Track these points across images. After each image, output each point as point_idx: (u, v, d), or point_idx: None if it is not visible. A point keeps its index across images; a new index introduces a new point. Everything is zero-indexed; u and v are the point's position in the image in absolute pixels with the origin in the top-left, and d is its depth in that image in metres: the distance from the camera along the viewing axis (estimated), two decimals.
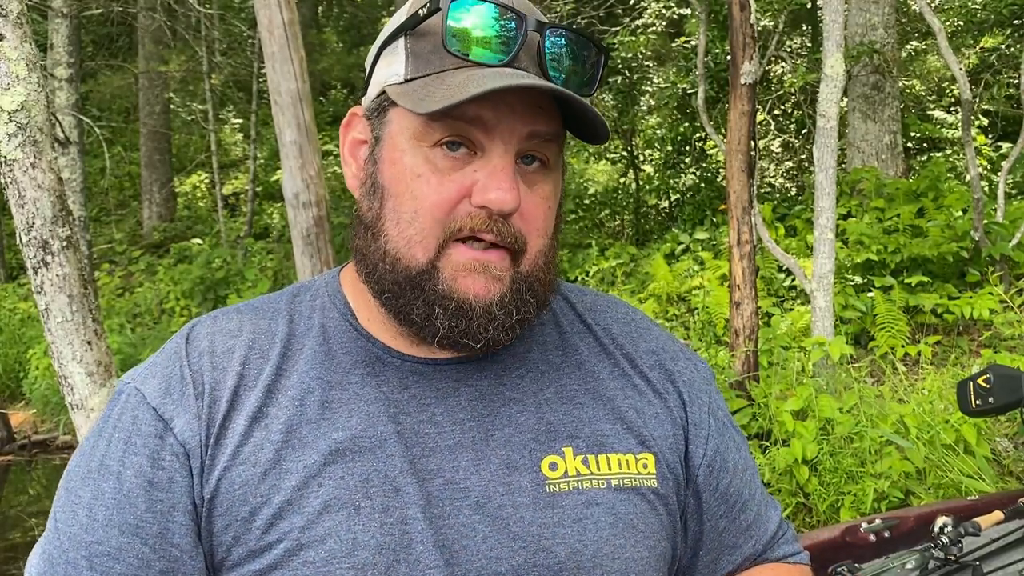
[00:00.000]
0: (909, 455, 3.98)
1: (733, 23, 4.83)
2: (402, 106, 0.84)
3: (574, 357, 0.96)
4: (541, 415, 0.91)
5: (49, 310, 2.68)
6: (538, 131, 0.84)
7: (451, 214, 0.83)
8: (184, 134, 15.45)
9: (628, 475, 0.91)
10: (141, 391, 0.86)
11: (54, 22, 7.71)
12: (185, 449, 0.82)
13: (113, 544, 0.80)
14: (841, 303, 6.03)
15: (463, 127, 0.82)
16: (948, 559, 1.30)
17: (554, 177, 0.89)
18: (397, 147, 0.86)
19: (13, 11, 2.54)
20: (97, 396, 2.75)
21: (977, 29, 9.89)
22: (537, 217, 0.87)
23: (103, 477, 0.82)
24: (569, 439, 0.90)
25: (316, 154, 4.30)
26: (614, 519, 0.88)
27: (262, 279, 9.64)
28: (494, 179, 0.82)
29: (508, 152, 0.83)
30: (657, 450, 0.93)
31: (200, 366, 0.87)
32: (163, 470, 0.82)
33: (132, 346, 8.13)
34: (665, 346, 1.03)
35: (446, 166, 0.83)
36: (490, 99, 0.80)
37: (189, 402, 0.84)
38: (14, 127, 2.54)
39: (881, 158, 8.10)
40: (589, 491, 0.88)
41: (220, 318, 0.94)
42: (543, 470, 0.88)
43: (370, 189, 0.89)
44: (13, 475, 7.05)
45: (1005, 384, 1.52)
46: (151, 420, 0.84)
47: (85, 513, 0.81)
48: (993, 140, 9.34)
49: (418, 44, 0.85)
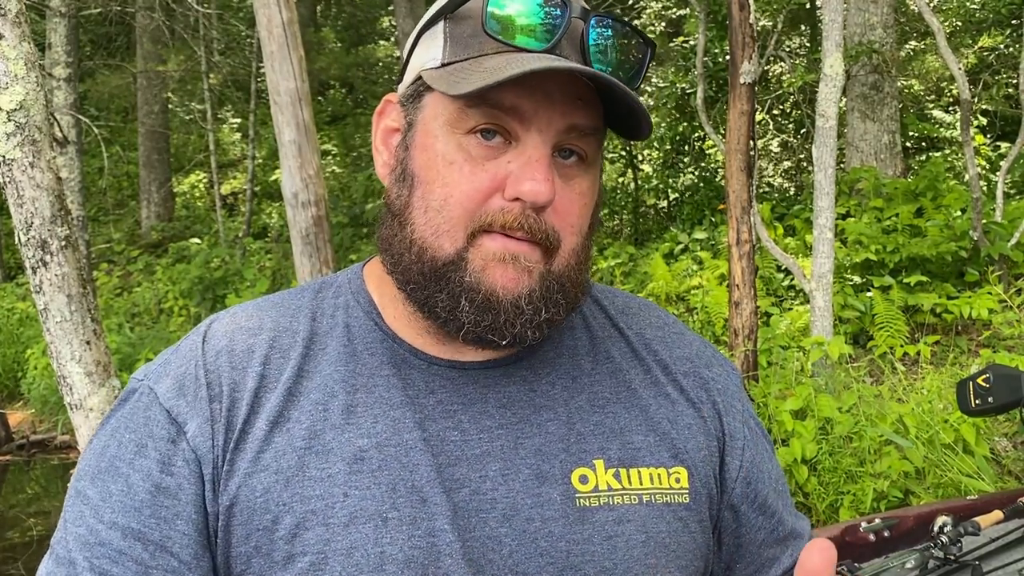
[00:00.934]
0: (908, 455, 3.98)
1: (732, 23, 4.83)
2: (437, 90, 0.81)
3: (606, 364, 0.93)
4: (572, 425, 0.87)
5: (48, 310, 2.67)
6: (577, 124, 0.81)
7: (483, 206, 0.79)
8: (182, 133, 15.45)
9: (660, 490, 0.87)
10: (154, 390, 0.83)
11: (52, 21, 7.70)
12: (197, 456, 0.79)
13: (115, 547, 0.78)
14: (840, 303, 6.03)
15: (499, 115, 0.79)
16: (947, 558, 1.29)
17: (592, 174, 0.85)
18: (430, 133, 0.82)
19: (12, 10, 2.54)
20: (96, 396, 2.74)
21: (976, 29, 9.89)
22: (572, 213, 0.83)
23: (112, 479, 0.80)
24: (600, 451, 0.86)
25: (315, 153, 4.29)
26: (646, 538, 0.85)
27: (261, 279, 9.63)
28: (528, 170, 0.78)
29: (545, 143, 0.79)
30: (690, 463, 0.90)
31: (218, 366, 0.84)
32: (172, 476, 0.79)
33: (131, 346, 8.12)
34: (699, 352, 0.99)
35: (480, 154, 0.79)
36: (528, 87, 0.77)
37: (203, 405, 0.81)
38: (12, 126, 2.54)
39: (880, 158, 8.10)
40: (620, 507, 0.85)
41: (239, 315, 0.90)
42: (573, 483, 0.84)
43: (400, 176, 0.85)
44: (11, 475, 7.05)
45: (1004, 384, 1.52)
46: (164, 423, 0.81)
47: (92, 514, 0.79)
48: (992, 140, 9.34)
49: (457, 28, 0.82)
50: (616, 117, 0.84)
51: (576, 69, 0.76)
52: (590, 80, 0.79)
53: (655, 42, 0.87)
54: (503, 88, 0.76)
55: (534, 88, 0.78)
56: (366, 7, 16.95)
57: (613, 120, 0.84)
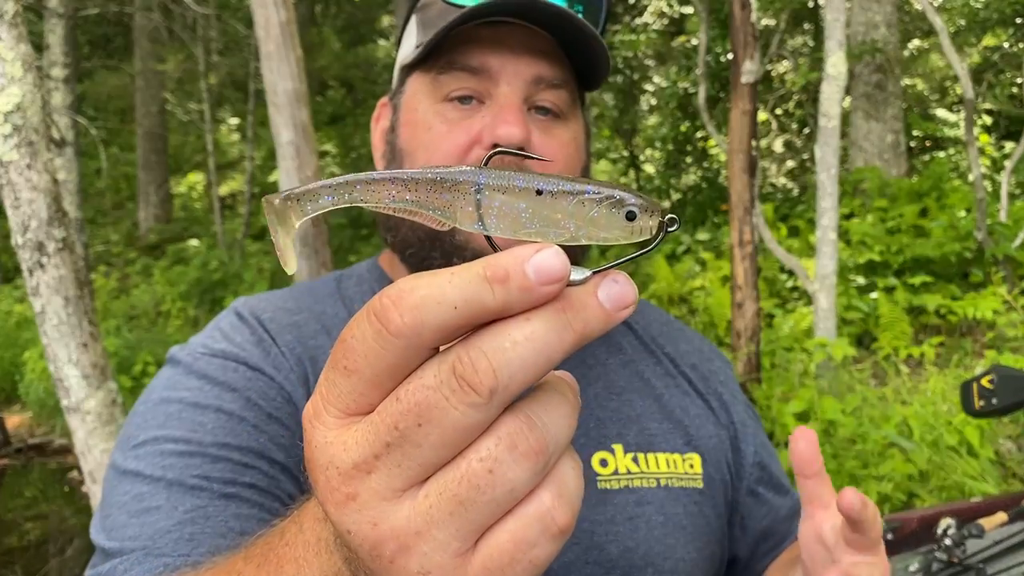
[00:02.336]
0: (912, 457, 3.95)
1: (734, 22, 4.80)
2: (413, 64, 0.89)
3: (618, 355, 0.98)
4: (591, 410, 0.91)
5: (45, 312, 2.64)
6: (543, 75, 0.86)
7: (464, 161, 0.84)
8: (180, 134, 15.42)
9: (676, 475, 0.91)
10: (210, 348, 0.88)
11: (50, 22, 7.66)
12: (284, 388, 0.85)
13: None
14: (844, 304, 6.00)
15: (468, 78, 0.85)
16: (951, 561, 1.29)
17: (572, 128, 0.91)
18: (411, 108, 0.90)
19: (8, 11, 2.51)
20: (93, 399, 2.71)
21: (980, 28, 9.87)
22: (558, 162, 0.87)
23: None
24: (619, 436, 0.91)
25: (313, 154, 4.26)
26: (664, 519, 0.88)
27: (260, 280, 9.59)
28: (501, 116, 0.84)
29: (514, 93, 0.85)
30: (703, 450, 0.94)
31: (274, 325, 0.90)
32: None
33: (129, 348, 8.07)
34: (701, 347, 1.05)
35: (456, 117, 0.86)
36: (492, 45, 0.84)
37: (272, 349, 0.87)
38: (10, 128, 2.51)
39: (884, 157, 8.07)
40: (640, 490, 0.88)
41: (269, 298, 0.95)
42: (594, 466, 0.88)
43: (390, 156, 0.93)
44: (9, 479, 7.01)
45: (1009, 385, 1.52)
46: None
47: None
48: (996, 139, 9.32)
49: (425, 15, 0.90)
50: (584, 73, 0.91)
51: (525, 2, 0.82)
52: (550, 33, 0.86)
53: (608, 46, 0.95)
54: (469, 50, 0.84)
55: (499, 45, 0.85)
56: (366, 6, 16.94)
57: (582, 77, 0.92)
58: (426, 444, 0.37)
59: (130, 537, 0.70)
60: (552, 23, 0.85)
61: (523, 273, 0.36)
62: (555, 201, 0.39)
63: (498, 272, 0.36)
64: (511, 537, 0.37)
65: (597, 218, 0.39)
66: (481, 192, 0.39)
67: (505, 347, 0.36)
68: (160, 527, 0.70)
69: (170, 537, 0.70)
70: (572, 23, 0.84)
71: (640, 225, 0.40)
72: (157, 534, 0.70)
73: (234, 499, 0.73)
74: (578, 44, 0.87)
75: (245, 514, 0.72)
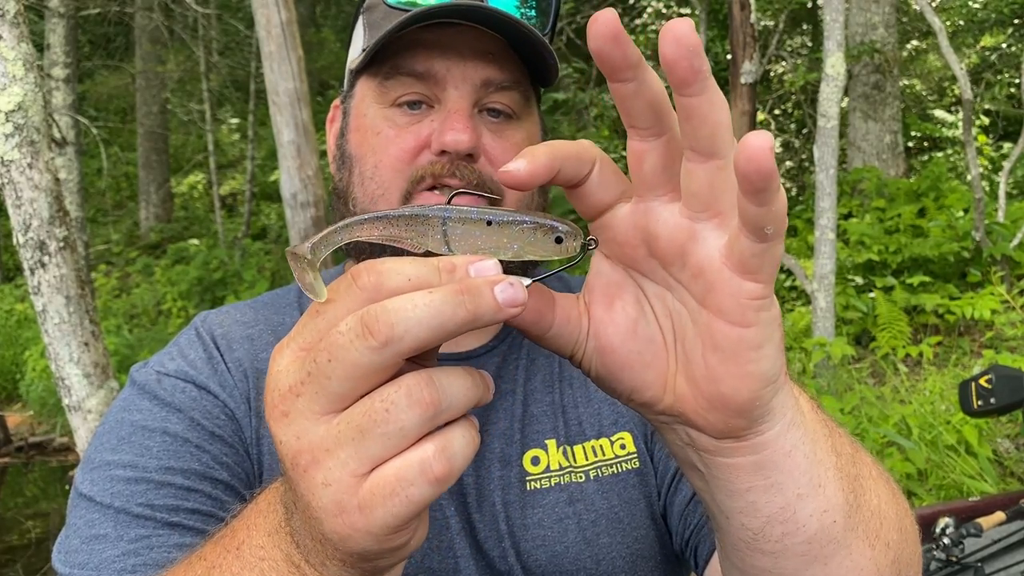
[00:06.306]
0: (911, 456, 3.97)
1: (733, 22, 4.81)
2: (360, 68, 0.88)
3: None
4: (527, 406, 0.91)
5: (46, 311, 2.65)
6: (491, 77, 0.86)
7: (411, 164, 0.84)
8: (181, 134, 15.42)
9: (605, 462, 0.90)
10: (165, 368, 0.89)
11: (51, 22, 7.67)
12: (230, 409, 0.87)
13: None
14: (842, 303, 6.02)
15: (414, 83, 0.85)
16: (950, 560, 1.29)
17: (526, 128, 0.90)
18: (360, 114, 0.89)
19: (10, 11, 2.52)
20: (94, 398, 2.73)
21: (978, 28, 9.88)
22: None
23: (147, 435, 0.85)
24: (552, 430, 0.90)
25: (314, 154, 4.27)
26: (596, 516, 0.87)
27: (260, 280, 9.60)
28: (448, 121, 0.83)
29: (462, 98, 0.85)
30: (632, 424, 0.92)
31: (225, 342, 0.91)
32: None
33: (129, 347, 8.09)
34: None
35: (404, 122, 0.86)
36: (438, 50, 0.83)
37: (221, 368, 0.88)
38: (11, 127, 2.52)
39: (882, 158, 8.08)
40: (571, 486, 0.88)
41: (230, 311, 0.95)
42: (525, 465, 0.88)
43: (340, 161, 0.92)
44: (10, 477, 7.02)
45: (1007, 384, 1.53)
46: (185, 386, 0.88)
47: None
48: (994, 140, 9.33)
49: (371, 16, 0.89)
50: (536, 70, 0.90)
51: (463, 4, 0.81)
52: (498, 33, 0.85)
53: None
54: (414, 55, 0.83)
55: (445, 49, 0.84)
56: None
57: (535, 74, 0.91)
58: (334, 376, 0.44)
59: (79, 564, 0.75)
60: (498, 26, 0.84)
61: (466, 270, 0.46)
62: (501, 229, 0.50)
63: (448, 265, 0.46)
64: (395, 472, 0.44)
65: (534, 241, 0.50)
66: (446, 224, 0.49)
67: (407, 307, 0.44)
68: (106, 556, 0.75)
69: (114, 568, 0.74)
70: (516, 27, 0.83)
71: (566, 246, 0.51)
72: (103, 563, 0.74)
73: (177, 528, 0.76)
74: (527, 45, 0.86)
75: (187, 543, 0.75)
